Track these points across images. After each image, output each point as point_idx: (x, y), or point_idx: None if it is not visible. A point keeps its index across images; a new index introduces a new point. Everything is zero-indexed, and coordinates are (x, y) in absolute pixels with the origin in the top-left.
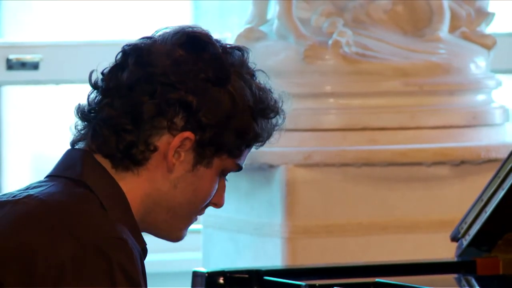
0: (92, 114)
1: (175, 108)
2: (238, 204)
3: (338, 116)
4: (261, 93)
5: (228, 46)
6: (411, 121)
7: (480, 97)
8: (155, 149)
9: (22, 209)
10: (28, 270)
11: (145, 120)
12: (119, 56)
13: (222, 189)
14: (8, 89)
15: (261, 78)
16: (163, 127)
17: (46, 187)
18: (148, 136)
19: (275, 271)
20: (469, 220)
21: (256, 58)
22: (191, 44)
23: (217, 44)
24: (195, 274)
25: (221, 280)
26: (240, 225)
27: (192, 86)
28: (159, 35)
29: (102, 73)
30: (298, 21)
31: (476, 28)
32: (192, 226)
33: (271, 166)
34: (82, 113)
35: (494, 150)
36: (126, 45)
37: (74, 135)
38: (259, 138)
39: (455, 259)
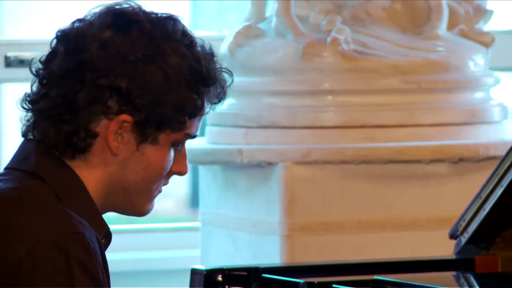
0: (34, 105)
1: (107, 93)
2: (236, 201)
3: (336, 113)
4: (197, 62)
5: (160, 17)
6: (410, 119)
7: (479, 95)
8: (96, 134)
9: None
10: None
11: (81, 108)
12: (53, 43)
13: (182, 157)
14: (6, 87)
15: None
16: (99, 113)
17: (1, 183)
18: (86, 123)
19: (274, 268)
20: (467, 217)
21: (255, 56)
22: (118, 23)
23: (147, 18)
24: (194, 272)
25: (219, 278)
26: (238, 223)
27: (121, 69)
28: (90, 16)
29: (40, 61)
30: (297, 19)
31: (475, 25)
32: (191, 224)
33: (270, 164)
34: (25, 103)
35: (492, 148)
36: (58, 31)
37: (23, 126)
38: (202, 107)
39: (454, 257)
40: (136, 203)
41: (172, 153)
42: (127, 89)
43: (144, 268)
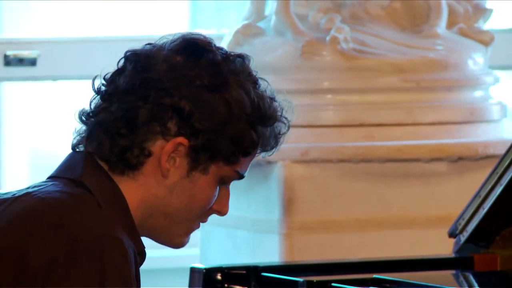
0: (91, 119)
1: (168, 113)
2: (235, 200)
3: (335, 112)
4: (260, 100)
5: (230, 53)
6: (409, 117)
7: (478, 93)
8: (150, 154)
9: (20, 206)
10: (20, 266)
11: (139, 124)
12: (121, 62)
13: (224, 197)
14: (5, 86)
15: (265, 87)
16: (157, 132)
17: (45, 186)
18: (142, 141)
19: (273, 267)
20: (466, 216)
21: (254, 54)
22: (189, 50)
23: (218, 51)
24: (193, 270)
25: (219, 276)
26: (237, 221)
27: (186, 91)
28: (161, 42)
29: (104, 78)
30: (296, 17)
31: (474, 24)
32: None
33: (269, 162)
34: (82, 116)
35: (491, 146)
36: (128, 51)
37: (75, 138)
38: (257, 145)
39: (453, 255)
40: (174, 232)
41: (218, 188)
42: (189, 112)
43: (143, 266)
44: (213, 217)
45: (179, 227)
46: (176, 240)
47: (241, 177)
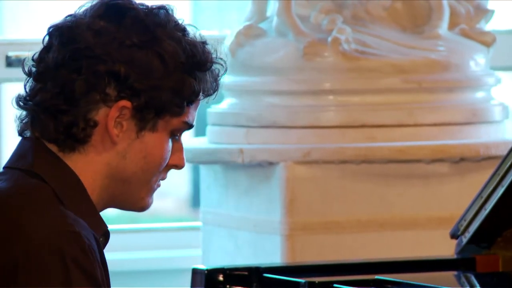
0: (29, 102)
1: (105, 79)
2: (237, 201)
3: (337, 113)
4: (192, 47)
5: (152, 7)
6: (410, 118)
7: (480, 94)
8: (95, 124)
9: None
10: None
11: (78, 97)
12: (45, 39)
13: (179, 150)
14: (7, 86)
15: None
16: (97, 101)
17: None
18: (85, 113)
19: (275, 268)
20: (468, 217)
21: (256, 55)
22: (111, 12)
23: (139, 7)
24: (195, 271)
25: (220, 277)
26: (239, 222)
27: (118, 54)
28: (80, 11)
29: (33, 59)
30: (298, 18)
31: (476, 25)
32: (192, 223)
33: (270, 163)
34: (19, 102)
35: (493, 147)
36: (50, 26)
37: (18, 125)
38: (199, 91)
39: (455, 256)
40: (136, 196)
41: (170, 143)
42: (126, 74)
43: (145, 267)
44: (215, 218)
45: (140, 190)
46: (140, 203)
47: (190, 126)
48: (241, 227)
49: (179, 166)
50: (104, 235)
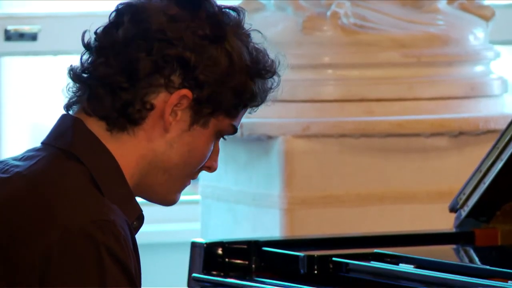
0: (86, 75)
1: (172, 65)
2: (236, 175)
3: (336, 87)
4: (257, 53)
5: (223, 6)
6: (409, 92)
7: (479, 68)
8: (152, 107)
9: (8, 191)
10: (13, 260)
11: (142, 77)
12: (113, 15)
13: (215, 153)
14: (6, 60)
15: (257, 40)
16: (160, 85)
17: (36, 159)
18: (144, 94)
19: (274, 242)
20: (467, 191)
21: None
22: (187, 1)
23: (214, 3)
24: (194, 245)
25: (219, 251)
26: (238, 196)
27: (190, 42)
28: None
29: (96, 33)
30: None
31: None
32: (191, 197)
33: (270, 137)
34: (75, 74)
35: (492, 121)
36: (120, 4)
37: (68, 98)
38: (256, 98)
39: (454, 230)
40: (170, 188)
41: (213, 143)
42: (195, 63)
43: (145, 241)
44: (214, 192)
45: (175, 183)
46: (170, 196)
47: (235, 131)
48: (240, 201)
49: (211, 169)
50: (138, 218)
